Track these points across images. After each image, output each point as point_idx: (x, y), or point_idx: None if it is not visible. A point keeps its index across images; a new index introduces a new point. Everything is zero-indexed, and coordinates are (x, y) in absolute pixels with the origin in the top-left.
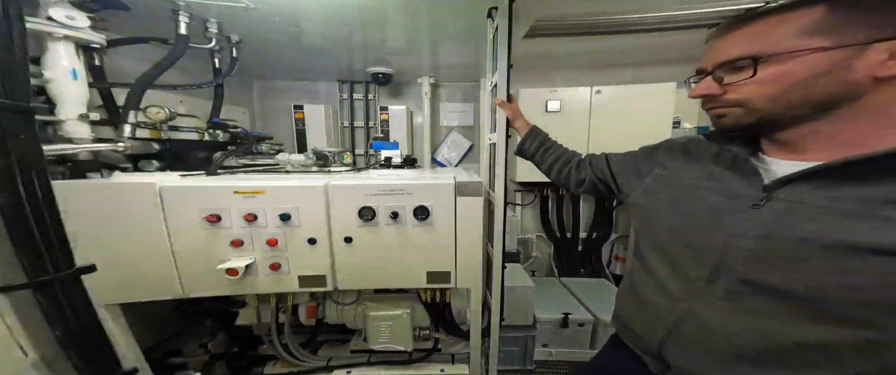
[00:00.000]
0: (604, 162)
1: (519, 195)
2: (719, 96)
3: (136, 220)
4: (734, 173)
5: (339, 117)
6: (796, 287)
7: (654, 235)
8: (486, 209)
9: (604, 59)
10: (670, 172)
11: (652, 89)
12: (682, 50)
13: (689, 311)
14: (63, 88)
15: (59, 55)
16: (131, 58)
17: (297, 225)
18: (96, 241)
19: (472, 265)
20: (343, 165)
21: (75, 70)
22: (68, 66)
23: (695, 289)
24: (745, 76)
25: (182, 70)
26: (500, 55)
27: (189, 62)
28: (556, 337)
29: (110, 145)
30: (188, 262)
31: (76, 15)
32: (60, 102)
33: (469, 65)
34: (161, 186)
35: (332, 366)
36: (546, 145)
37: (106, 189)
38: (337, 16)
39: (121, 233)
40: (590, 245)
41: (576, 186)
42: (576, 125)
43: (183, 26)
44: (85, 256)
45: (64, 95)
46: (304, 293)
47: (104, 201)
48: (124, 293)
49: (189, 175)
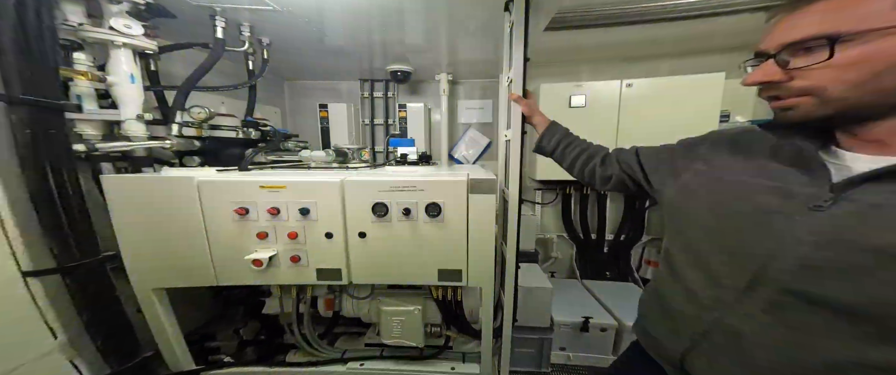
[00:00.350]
0: (633, 157)
1: (539, 194)
2: (783, 83)
3: (178, 211)
4: (795, 169)
5: (360, 115)
6: (861, 302)
7: (687, 236)
8: (500, 207)
9: (636, 50)
10: (713, 167)
11: (695, 80)
12: (731, 37)
13: (720, 321)
14: (123, 91)
15: (119, 61)
16: (181, 63)
17: (316, 219)
18: (147, 230)
19: (484, 264)
20: (361, 161)
21: (133, 75)
22: (127, 71)
23: (728, 298)
24: (819, 59)
25: (221, 73)
26: (516, 49)
27: (225, 64)
28: (576, 341)
29: (159, 142)
30: (220, 252)
31: (132, 24)
32: (121, 103)
33: (488, 60)
34: (199, 180)
35: (347, 358)
36: (567, 141)
37: (153, 183)
38: (357, 13)
39: (167, 223)
40: (617, 247)
41: (602, 183)
42: (603, 121)
43: (219, 30)
44: (136, 244)
45: (124, 97)
46: (322, 286)
47: (152, 193)
48: (168, 278)
49: (224, 170)
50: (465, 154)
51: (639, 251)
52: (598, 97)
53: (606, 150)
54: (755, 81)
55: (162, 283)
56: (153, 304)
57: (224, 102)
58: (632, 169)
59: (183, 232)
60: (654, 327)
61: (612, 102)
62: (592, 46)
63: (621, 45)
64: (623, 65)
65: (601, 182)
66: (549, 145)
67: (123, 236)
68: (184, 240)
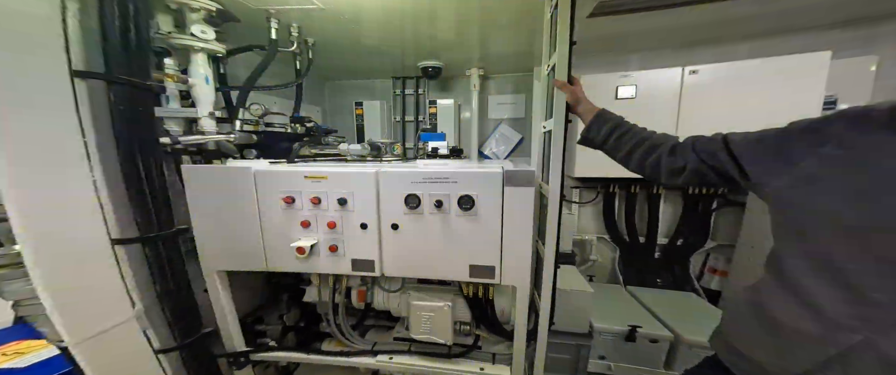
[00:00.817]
0: (720, 144)
1: (576, 193)
2: None
3: (239, 199)
4: None
5: (392, 112)
6: None
7: (814, 240)
8: (538, 203)
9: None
10: (856, 151)
11: (789, 63)
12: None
13: (867, 345)
14: (200, 91)
15: (198, 64)
16: (243, 66)
17: (352, 210)
18: (214, 215)
19: (519, 262)
20: (393, 155)
21: (208, 76)
22: (203, 73)
23: (878, 318)
24: None
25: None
26: (560, 32)
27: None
28: (619, 351)
29: (225, 136)
30: (270, 238)
31: (207, 29)
32: (198, 103)
33: (521, 53)
34: (255, 170)
35: (377, 351)
36: (622, 129)
37: (221, 172)
38: (391, 10)
39: (230, 210)
40: (672, 253)
41: (669, 176)
42: (656, 115)
43: (273, 32)
44: (206, 228)
45: (200, 97)
46: (356, 277)
47: (220, 182)
48: (229, 261)
49: (276, 162)
50: (496, 151)
51: (700, 259)
52: (652, 87)
53: (675, 138)
54: None
55: (224, 265)
56: (216, 285)
57: (276, 102)
58: (716, 159)
59: (242, 219)
60: (751, 346)
61: (670, 93)
62: (643, 32)
63: (683, 28)
64: (682, 50)
65: (668, 175)
66: (599, 136)
67: (197, 220)
68: (242, 226)
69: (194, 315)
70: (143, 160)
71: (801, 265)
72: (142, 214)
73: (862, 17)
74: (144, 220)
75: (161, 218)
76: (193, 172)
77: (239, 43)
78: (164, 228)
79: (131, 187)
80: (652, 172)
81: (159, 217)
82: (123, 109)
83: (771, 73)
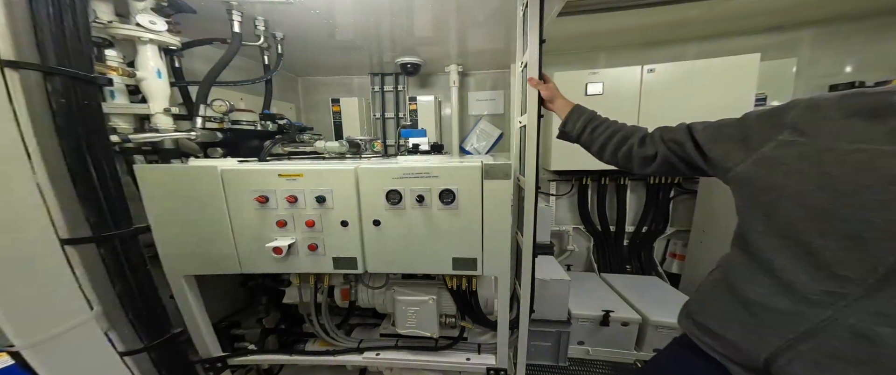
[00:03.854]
0: (684, 134)
1: (553, 185)
2: None
3: (204, 200)
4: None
5: (371, 109)
6: None
7: (780, 219)
8: (515, 195)
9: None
10: (813, 135)
11: (726, 64)
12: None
13: (837, 319)
14: (151, 86)
15: (147, 57)
16: (203, 60)
17: (331, 207)
18: (177, 218)
19: (500, 253)
20: (373, 152)
21: (159, 70)
22: (154, 66)
23: (848, 292)
24: None
25: (239, 70)
26: (531, 30)
27: (243, 62)
28: (595, 335)
29: (184, 134)
30: (244, 239)
31: (157, 20)
32: (150, 98)
33: (498, 50)
34: (222, 169)
35: (363, 348)
36: (595, 123)
37: (181, 172)
38: (365, 4)
39: (194, 212)
40: (638, 240)
41: (641, 165)
42: (622, 109)
43: (236, 25)
44: (167, 232)
45: (152, 92)
46: (339, 276)
47: (181, 183)
48: (197, 266)
49: (245, 161)
50: (477, 146)
51: (662, 244)
52: (617, 84)
53: (644, 130)
54: None
55: (191, 270)
56: (183, 290)
57: (243, 98)
58: (683, 148)
59: (209, 221)
60: (724, 325)
61: (632, 89)
62: (609, 32)
63: (641, 29)
64: (643, 50)
65: (640, 164)
66: (574, 129)
67: (156, 224)
68: (210, 228)
69: (161, 316)
70: (92, 156)
71: (770, 243)
72: (94, 213)
73: (784, 24)
74: (97, 219)
75: (116, 217)
76: (148, 172)
77: (197, 35)
78: (120, 227)
79: (80, 184)
80: (625, 162)
81: (114, 216)
82: (64, 103)
83: (713, 72)
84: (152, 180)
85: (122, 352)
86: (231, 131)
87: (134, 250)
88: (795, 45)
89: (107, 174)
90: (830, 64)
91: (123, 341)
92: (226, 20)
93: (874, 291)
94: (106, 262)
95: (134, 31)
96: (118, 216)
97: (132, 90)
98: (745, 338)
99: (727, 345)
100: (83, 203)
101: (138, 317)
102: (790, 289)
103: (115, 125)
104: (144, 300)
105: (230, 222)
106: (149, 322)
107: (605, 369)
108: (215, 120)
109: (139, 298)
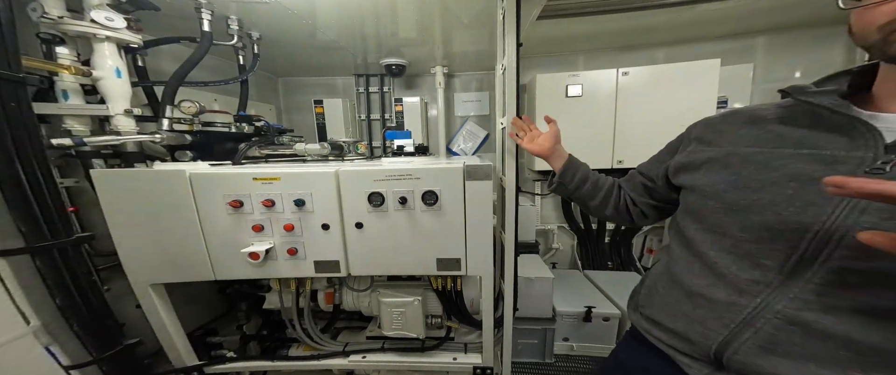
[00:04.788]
0: (639, 177)
1: (538, 185)
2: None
3: (172, 206)
4: (829, 132)
5: (356, 111)
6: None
7: (707, 215)
8: (499, 195)
9: (631, 39)
10: (717, 144)
11: (691, 68)
12: (720, 24)
13: (766, 307)
14: (110, 85)
15: (104, 55)
16: (171, 59)
17: (311, 211)
18: (141, 225)
19: (483, 253)
20: (357, 154)
21: (118, 69)
22: (112, 65)
23: (770, 281)
24: None
25: (213, 70)
26: (508, 34)
27: (219, 62)
28: (579, 331)
29: (148, 136)
30: (217, 245)
31: (114, 17)
32: (109, 99)
33: (483, 52)
34: (191, 173)
35: (349, 351)
36: (593, 179)
37: (145, 177)
38: (348, 5)
39: (161, 218)
40: (618, 237)
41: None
42: (600, 111)
43: (206, 23)
44: (130, 239)
45: (111, 92)
46: (322, 280)
47: (144, 188)
48: (166, 273)
49: (218, 165)
50: (463, 147)
51: (640, 241)
52: (595, 87)
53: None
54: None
55: (159, 278)
56: (151, 300)
57: (217, 99)
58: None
59: (178, 227)
60: (672, 317)
61: (609, 91)
62: (587, 35)
63: (615, 33)
64: (618, 53)
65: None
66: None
67: (117, 231)
68: (179, 235)
69: (112, 327)
70: (23, 161)
71: (703, 237)
72: (26, 222)
73: (738, 32)
74: (31, 229)
75: (54, 226)
76: (106, 177)
77: (164, 33)
78: (58, 236)
79: (9, 191)
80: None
81: (51, 225)
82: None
83: (679, 76)
84: (112, 185)
85: (68, 366)
86: (202, 134)
87: (77, 259)
88: (751, 52)
89: (41, 181)
90: (783, 69)
91: (69, 354)
92: (195, 18)
93: (790, 278)
94: (43, 274)
95: (88, 28)
96: (55, 225)
97: (90, 90)
98: (692, 330)
99: (677, 337)
100: (14, 213)
101: (85, 329)
102: (724, 280)
103: (69, 127)
104: (91, 311)
105: (201, 228)
106: (98, 334)
107: (588, 364)
108: (184, 122)
109: (85, 309)
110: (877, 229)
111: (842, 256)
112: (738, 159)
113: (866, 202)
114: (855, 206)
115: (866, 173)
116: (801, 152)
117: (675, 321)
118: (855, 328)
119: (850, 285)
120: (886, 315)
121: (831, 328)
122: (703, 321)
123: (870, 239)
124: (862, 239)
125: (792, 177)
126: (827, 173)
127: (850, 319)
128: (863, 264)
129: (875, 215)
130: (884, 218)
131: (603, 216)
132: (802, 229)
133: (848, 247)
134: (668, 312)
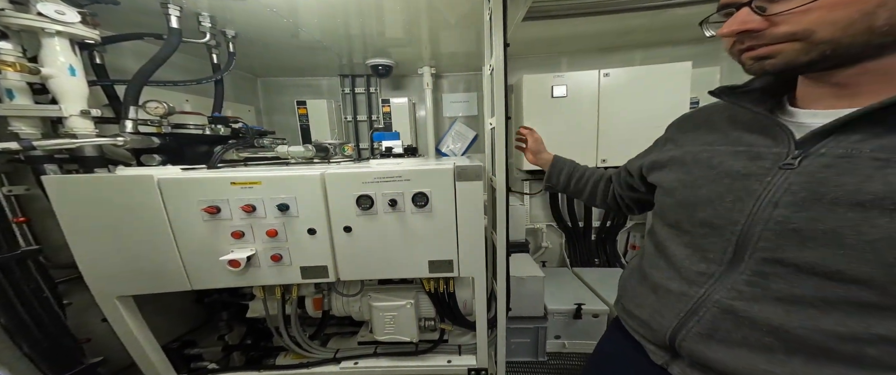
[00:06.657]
0: (625, 174)
1: (527, 184)
2: (763, 31)
3: (139, 213)
4: (755, 131)
5: (342, 112)
6: (851, 268)
7: (667, 211)
8: (489, 196)
9: (611, 41)
10: (680, 143)
11: (665, 70)
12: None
13: (708, 298)
14: (62, 84)
15: (54, 51)
16: (135, 57)
17: (296, 215)
18: (104, 235)
19: (475, 254)
20: (344, 156)
21: (72, 66)
22: (65, 62)
23: (713, 273)
24: (804, 0)
25: (184, 70)
26: (495, 35)
27: (190, 60)
28: (570, 329)
29: (109, 139)
30: (192, 254)
31: (66, 10)
32: (62, 98)
33: (470, 53)
34: (159, 178)
35: (340, 358)
36: (578, 173)
37: (106, 183)
38: (332, 4)
39: (127, 227)
40: (604, 234)
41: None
42: (584, 111)
43: (174, 20)
44: (92, 250)
45: (64, 91)
46: (309, 285)
47: (106, 195)
48: (134, 285)
49: (190, 169)
50: (452, 148)
51: (624, 237)
52: (579, 87)
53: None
54: (733, 30)
55: (127, 290)
56: (119, 313)
57: (189, 100)
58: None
59: (147, 236)
60: (640, 306)
61: (592, 92)
62: (571, 37)
63: (598, 35)
64: (600, 55)
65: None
66: (560, 181)
67: (77, 241)
68: (148, 244)
69: (68, 346)
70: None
71: (666, 232)
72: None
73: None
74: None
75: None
76: (61, 184)
77: (126, 29)
78: (0, 251)
79: None
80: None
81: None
82: None
83: (655, 77)
84: (68, 192)
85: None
86: (172, 137)
87: (24, 275)
88: (716, 56)
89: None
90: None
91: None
92: (161, 14)
93: (728, 270)
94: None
95: (35, 22)
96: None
97: (39, 90)
98: (653, 318)
99: (643, 325)
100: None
101: (36, 350)
102: (678, 272)
103: (16, 129)
104: (43, 330)
105: (174, 236)
106: (52, 355)
107: (580, 360)
108: (151, 124)
109: (36, 329)
110: (788, 222)
111: (763, 248)
112: (691, 157)
113: (779, 197)
114: (769, 200)
115: (781, 169)
116: (737, 150)
117: (643, 312)
118: (777, 315)
119: (771, 275)
120: (803, 303)
121: (756, 316)
122: (660, 310)
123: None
124: None
125: (727, 174)
126: (753, 168)
127: (773, 307)
128: (779, 255)
129: (788, 208)
130: (794, 211)
131: (599, 207)
132: (733, 224)
133: (766, 239)
134: (637, 303)
